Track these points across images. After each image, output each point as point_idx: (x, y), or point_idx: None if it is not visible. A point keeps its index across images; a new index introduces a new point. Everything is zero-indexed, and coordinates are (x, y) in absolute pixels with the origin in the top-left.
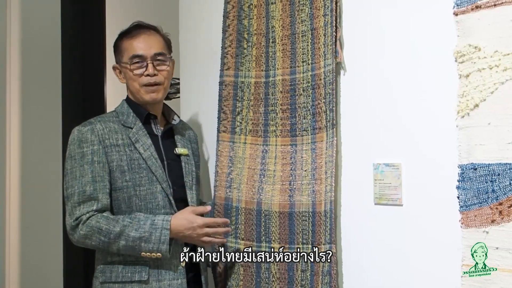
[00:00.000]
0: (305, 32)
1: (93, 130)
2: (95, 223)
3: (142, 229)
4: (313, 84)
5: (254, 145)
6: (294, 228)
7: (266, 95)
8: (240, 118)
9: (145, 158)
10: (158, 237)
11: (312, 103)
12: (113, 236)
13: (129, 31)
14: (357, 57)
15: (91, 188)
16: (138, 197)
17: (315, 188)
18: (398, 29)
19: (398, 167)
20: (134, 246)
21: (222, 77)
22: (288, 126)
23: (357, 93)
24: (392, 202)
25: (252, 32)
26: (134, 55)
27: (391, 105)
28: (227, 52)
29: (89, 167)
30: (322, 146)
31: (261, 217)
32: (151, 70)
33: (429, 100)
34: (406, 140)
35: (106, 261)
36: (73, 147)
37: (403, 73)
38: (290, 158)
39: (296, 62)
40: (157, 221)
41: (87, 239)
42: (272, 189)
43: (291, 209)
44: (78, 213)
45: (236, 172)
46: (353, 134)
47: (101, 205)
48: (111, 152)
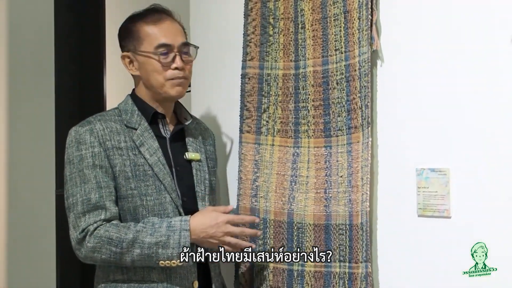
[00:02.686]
0: (337, 16)
1: (92, 130)
2: (104, 233)
3: (158, 233)
4: (347, 76)
5: (284, 147)
6: (331, 244)
7: (297, 89)
8: (267, 116)
9: (151, 164)
10: (177, 240)
11: (346, 98)
12: (125, 245)
13: (147, 15)
14: (398, 45)
15: (96, 196)
16: (145, 208)
17: (352, 197)
18: (449, 11)
19: (445, 173)
20: (150, 254)
21: (244, 69)
22: (321, 125)
23: (398, 87)
24: (438, 213)
25: (279, 16)
26: (161, 43)
27: (437, 101)
28: (250, 40)
29: (91, 172)
30: (358, 148)
31: (293, 231)
32: (179, 63)
33: (485, 96)
34: (456, 142)
35: (108, 280)
36: (71, 150)
37: (454, 64)
38: (325, 162)
39: (329, 51)
40: (175, 223)
41: (95, 253)
42: (305, 198)
43: (327, 221)
44: (83, 224)
45: (263, 179)
46: (392, 135)
47: (109, 214)
48: (113, 156)
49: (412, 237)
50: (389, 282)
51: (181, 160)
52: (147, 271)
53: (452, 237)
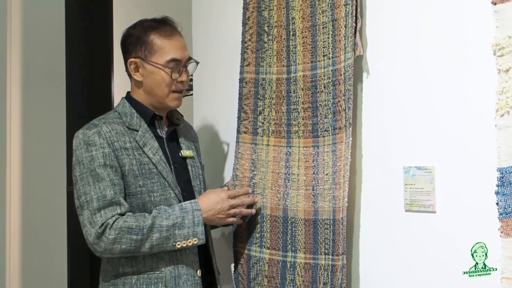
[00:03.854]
0: (326, 24)
1: (99, 132)
2: (124, 223)
3: (173, 215)
4: (333, 80)
5: (278, 147)
6: (318, 237)
7: (288, 93)
8: (262, 118)
9: (155, 163)
10: (191, 219)
11: (333, 101)
12: (146, 231)
13: (160, 27)
14: (383, 50)
15: (111, 192)
16: (153, 204)
17: (335, 194)
18: (429, 19)
19: (431, 170)
20: (168, 236)
21: (242, 74)
22: (310, 126)
23: (384, 90)
24: (424, 208)
25: (273, 24)
26: (173, 58)
27: (422, 103)
28: (247, 47)
29: (104, 171)
30: (341, 147)
31: (287, 225)
32: (185, 77)
33: (465, 97)
34: (440, 141)
35: (118, 273)
36: (80, 152)
37: (436, 67)
38: (313, 161)
39: (317, 57)
40: (186, 205)
41: (116, 244)
42: (297, 194)
43: (315, 216)
44: (102, 219)
45: (260, 177)
46: (380, 135)
47: (124, 208)
48: (121, 156)
49: (399, 230)
50: (379, 273)
51: (177, 158)
52: (156, 262)
53: (436, 230)
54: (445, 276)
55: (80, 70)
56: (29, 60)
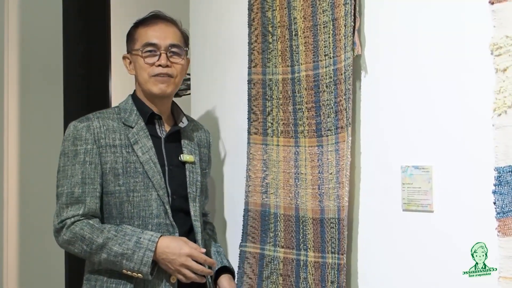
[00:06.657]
0: (326, 23)
1: (89, 127)
2: (79, 230)
3: (126, 245)
4: (335, 79)
5: (287, 147)
6: (325, 236)
7: (293, 93)
8: (271, 118)
9: (143, 162)
10: (140, 257)
11: (334, 100)
12: (95, 247)
13: (146, 20)
14: (381, 50)
15: (79, 190)
16: (131, 204)
17: (339, 193)
18: (427, 18)
19: (428, 170)
20: (115, 261)
21: (250, 75)
22: (314, 126)
23: (382, 89)
24: (422, 208)
25: (276, 24)
26: (147, 42)
27: (420, 102)
28: (253, 48)
29: (80, 167)
30: (344, 146)
31: (299, 224)
32: (163, 60)
33: (463, 96)
34: (438, 140)
35: (93, 269)
36: (67, 144)
37: (433, 66)
38: (318, 160)
39: (319, 56)
40: (143, 240)
41: (70, 245)
42: (306, 193)
43: (322, 215)
44: (63, 216)
45: (272, 177)
46: (378, 134)
47: (87, 209)
48: (105, 153)
49: (397, 229)
50: (377, 272)
51: (175, 160)
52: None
53: (434, 229)
54: (442, 275)
55: (78, 69)
56: (27, 60)
